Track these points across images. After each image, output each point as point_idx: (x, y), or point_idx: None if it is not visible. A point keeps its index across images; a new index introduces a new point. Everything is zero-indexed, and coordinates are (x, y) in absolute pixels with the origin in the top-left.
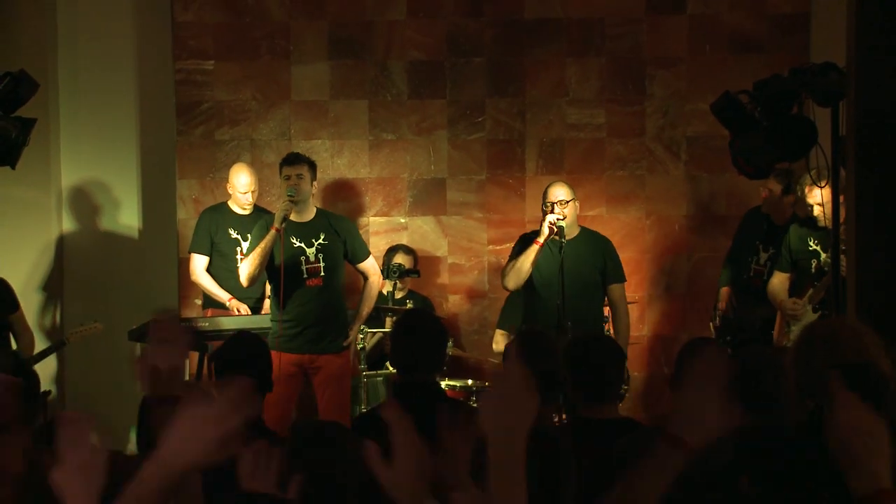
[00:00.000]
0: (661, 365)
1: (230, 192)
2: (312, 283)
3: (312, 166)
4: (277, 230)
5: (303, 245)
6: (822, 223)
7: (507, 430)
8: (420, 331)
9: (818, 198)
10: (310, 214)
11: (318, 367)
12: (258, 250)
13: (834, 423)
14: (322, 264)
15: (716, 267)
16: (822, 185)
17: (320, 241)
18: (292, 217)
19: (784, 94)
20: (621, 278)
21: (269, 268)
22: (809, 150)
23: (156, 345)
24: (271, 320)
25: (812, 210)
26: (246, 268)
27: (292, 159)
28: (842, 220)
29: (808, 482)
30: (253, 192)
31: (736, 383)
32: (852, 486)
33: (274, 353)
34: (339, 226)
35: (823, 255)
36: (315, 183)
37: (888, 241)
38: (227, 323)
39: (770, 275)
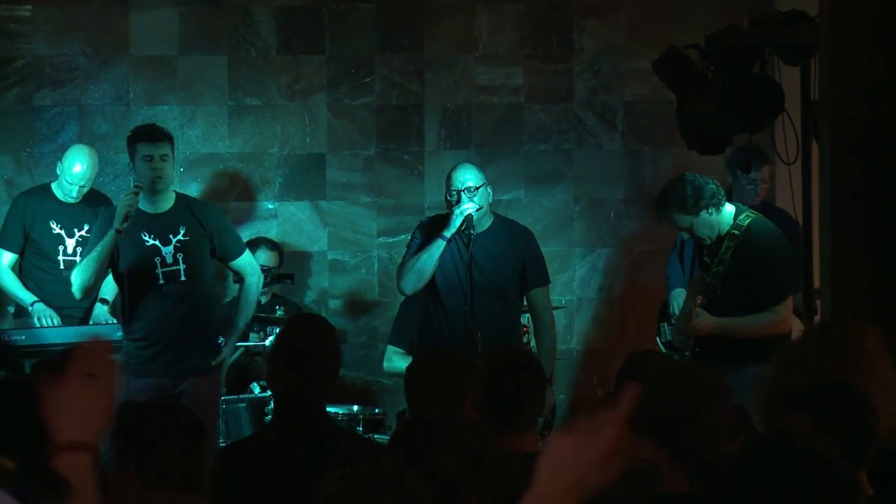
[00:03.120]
0: (594, 385)
1: (58, 172)
2: (170, 290)
3: (173, 143)
4: (119, 232)
5: (157, 243)
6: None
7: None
8: (315, 346)
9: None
10: (167, 203)
11: (181, 393)
12: (94, 256)
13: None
14: (182, 266)
15: (661, 263)
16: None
17: (180, 236)
18: (144, 207)
19: (743, 49)
20: (544, 281)
21: (115, 271)
22: (774, 118)
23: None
24: (123, 337)
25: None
26: (79, 277)
27: (155, 134)
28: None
29: None
30: (82, 186)
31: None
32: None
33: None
34: (203, 215)
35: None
36: (175, 164)
37: (872, 232)
38: (53, 336)
39: None
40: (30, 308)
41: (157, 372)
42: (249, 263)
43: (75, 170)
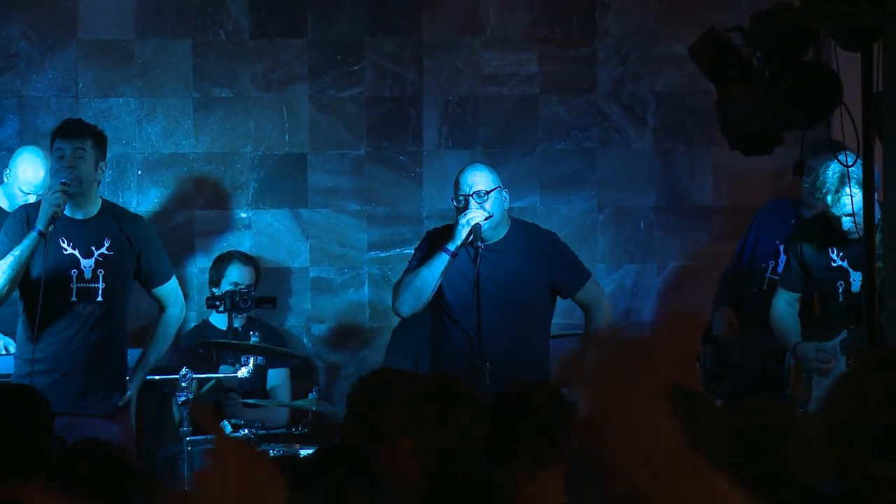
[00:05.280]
0: None
1: (5, 178)
2: (83, 311)
3: (100, 140)
4: (42, 234)
5: (76, 253)
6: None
7: None
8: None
9: (847, 205)
10: (92, 209)
11: (78, 436)
12: (11, 262)
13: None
14: (101, 285)
15: (700, 281)
16: (850, 164)
17: (103, 249)
18: (66, 211)
19: (794, 31)
20: (585, 275)
21: (22, 280)
22: (831, 112)
23: None
24: (16, 357)
25: (840, 221)
26: None
27: (70, 130)
28: None
29: None
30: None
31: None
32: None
33: None
34: (132, 230)
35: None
36: (103, 164)
37: None
38: None
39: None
40: None
41: (55, 404)
42: (174, 292)
43: (30, 177)
